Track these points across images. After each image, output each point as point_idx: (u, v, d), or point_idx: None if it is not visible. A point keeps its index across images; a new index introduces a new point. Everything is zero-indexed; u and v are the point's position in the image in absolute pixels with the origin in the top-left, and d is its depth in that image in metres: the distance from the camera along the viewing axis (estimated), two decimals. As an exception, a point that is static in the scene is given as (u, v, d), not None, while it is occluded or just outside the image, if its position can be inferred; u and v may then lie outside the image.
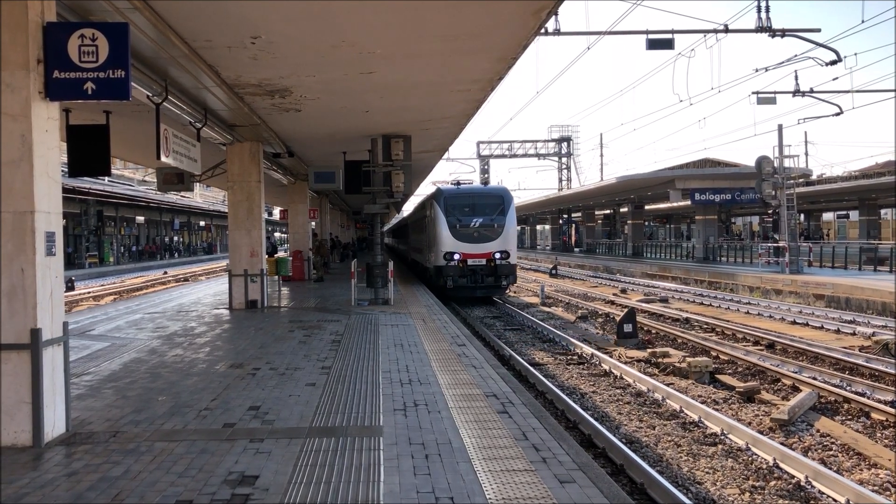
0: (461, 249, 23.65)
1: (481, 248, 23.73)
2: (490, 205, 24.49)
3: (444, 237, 23.84)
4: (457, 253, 23.61)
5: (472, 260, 23.69)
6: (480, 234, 23.81)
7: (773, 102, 28.01)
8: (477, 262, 23.69)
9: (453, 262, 23.61)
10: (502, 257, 23.74)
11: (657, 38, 22.10)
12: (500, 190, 26.46)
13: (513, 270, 24.25)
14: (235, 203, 17.64)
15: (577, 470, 5.53)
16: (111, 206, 51.31)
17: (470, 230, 23.86)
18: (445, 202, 24.45)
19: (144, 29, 8.48)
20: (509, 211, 24.39)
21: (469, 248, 23.68)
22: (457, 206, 24.38)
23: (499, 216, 24.13)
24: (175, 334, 13.22)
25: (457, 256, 23.61)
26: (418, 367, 9.69)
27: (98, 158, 10.42)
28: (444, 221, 23.93)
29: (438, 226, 24.07)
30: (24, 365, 6.14)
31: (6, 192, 6.12)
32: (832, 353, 14.30)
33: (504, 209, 24.33)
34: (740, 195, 38.34)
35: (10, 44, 6.13)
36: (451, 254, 23.63)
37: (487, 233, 23.88)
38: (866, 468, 8.18)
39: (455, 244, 23.69)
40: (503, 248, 23.82)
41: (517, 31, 9.57)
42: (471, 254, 23.67)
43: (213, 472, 5.51)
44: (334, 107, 14.21)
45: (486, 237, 23.83)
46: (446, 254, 23.66)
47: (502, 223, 24.07)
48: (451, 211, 24.12)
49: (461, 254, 23.62)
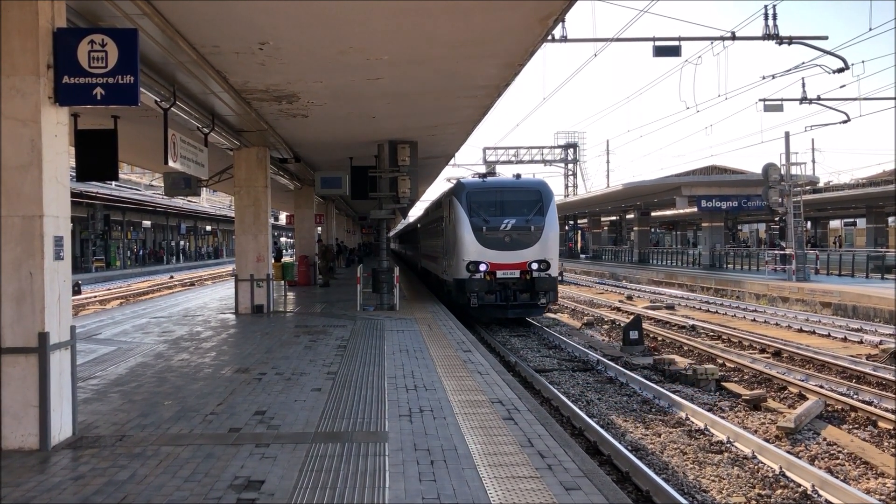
0: (489, 258, 19.03)
1: (514, 256, 19.16)
2: (525, 202, 19.88)
3: (466, 243, 19.18)
4: (483, 263, 18.97)
5: (502, 272, 19.04)
6: (513, 240, 19.25)
7: (780, 110, 28.01)
8: (508, 275, 19.09)
9: (478, 275, 18.95)
10: (541, 268, 19.15)
11: (664, 45, 22.13)
12: (536, 183, 21.08)
13: (553, 285, 19.43)
14: (242, 208, 17.69)
15: (582, 477, 5.52)
16: (118, 211, 51.48)
17: (500, 234, 19.22)
18: (469, 199, 19.71)
19: (153, 35, 8.54)
20: (549, 209, 19.75)
21: (499, 257, 19.08)
22: (483, 203, 19.70)
23: (536, 216, 19.52)
24: (181, 339, 13.25)
25: (483, 267, 18.96)
26: (424, 372, 9.69)
27: (106, 163, 10.47)
28: (466, 223, 19.31)
29: (460, 228, 19.40)
30: (32, 368, 6.17)
31: (15, 197, 6.16)
32: (839, 362, 14.25)
33: (543, 207, 19.71)
34: (747, 202, 38.25)
35: (20, 49, 6.17)
36: (475, 264, 18.96)
37: (522, 237, 19.30)
38: (873, 477, 8.14)
39: (481, 252, 19.07)
40: (542, 256, 19.25)
41: (524, 38, 9.59)
42: (501, 264, 19.06)
43: (218, 476, 5.52)
44: (341, 112, 14.26)
45: (521, 243, 19.27)
46: (470, 264, 18.97)
47: (540, 225, 19.46)
48: (476, 209, 19.49)
49: (488, 264, 18.97)
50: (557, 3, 8.29)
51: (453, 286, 19.82)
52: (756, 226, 72.81)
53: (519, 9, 8.40)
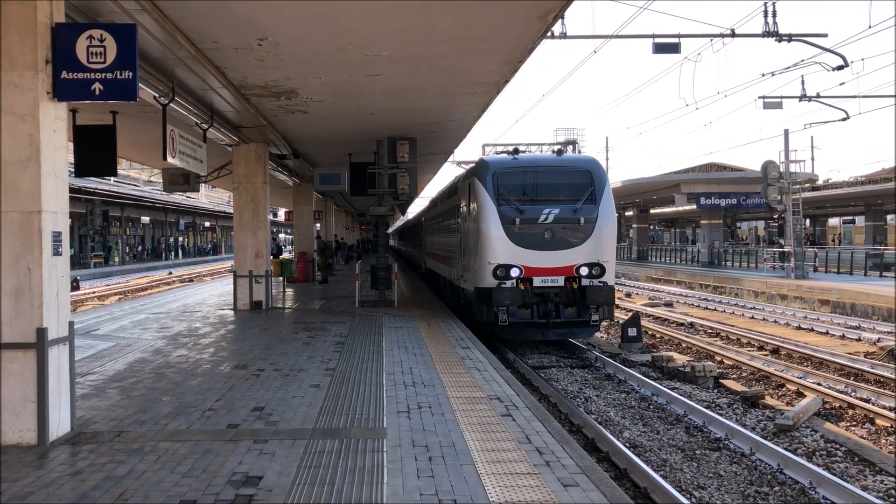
0: (523, 261, 14.46)
1: (557, 258, 14.57)
2: (571, 185, 15.18)
3: (493, 240, 14.58)
4: (516, 267, 14.42)
5: (541, 279, 14.51)
6: (556, 236, 14.63)
7: (780, 107, 27.99)
8: (549, 283, 14.55)
9: (509, 283, 14.40)
10: (592, 273, 14.58)
11: (664, 42, 22.08)
12: (586, 161, 16.16)
13: (610, 297, 14.71)
14: (241, 204, 17.68)
15: (580, 473, 5.53)
16: (117, 207, 51.46)
17: (538, 229, 14.62)
18: (496, 181, 15.03)
19: (152, 30, 8.52)
20: (603, 195, 15.06)
21: (537, 259, 14.50)
22: (515, 187, 15.03)
23: (587, 204, 14.83)
24: (180, 335, 13.25)
25: (515, 272, 14.40)
26: (422, 369, 9.69)
27: (105, 159, 10.48)
28: (493, 213, 14.67)
29: (484, 221, 14.77)
30: (30, 364, 6.17)
31: (14, 192, 6.15)
32: (837, 359, 14.27)
33: (595, 193, 15.01)
34: (746, 200, 38.29)
35: (18, 44, 6.16)
36: (505, 268, 14.44)
37: (568, 233, 14.69)
38: (871, 474, 8.16)
39: (513, 252, 14.52)
40: (594, 257, 14.61)
41: (524, 35, 9.58)
42: (539, 268, 14.49)
43: (217, 472, 5.52)
44: (340, 109, 14.24)
45: (566, 240, 14.65)
46: (498, 268, 14.44)
47: (593, 216, 14.75)
48: (506, 196, 14.83)
49: (523, 268, 14.42)
50: (557, 1, 8.28)
51: (474, 297, 15.07)
52: (755, 223, 72.89)
53: (519, 5, 8.39)
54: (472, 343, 12.03)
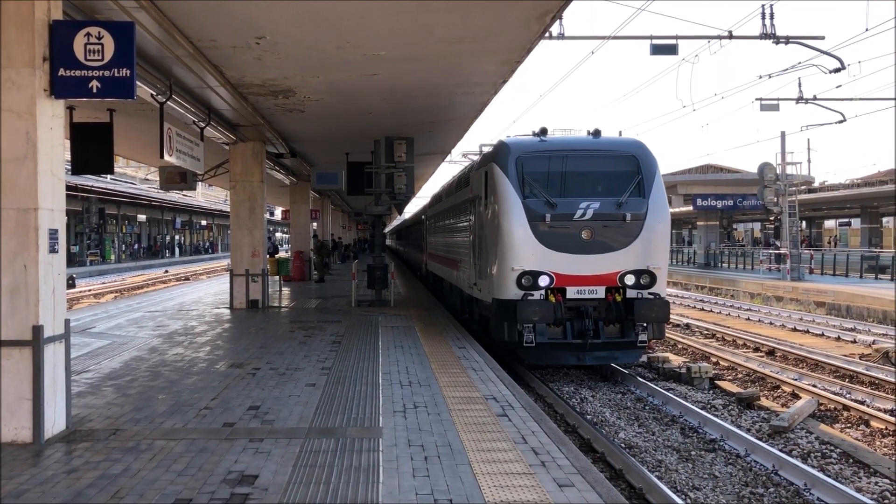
0: (554, 266, 11.74)
1: (596, 263, 11.85)
2: (612, 174, 12.41)
3: (517, 241, 11.83)
4: (545, 274, 11.70)
5: (576, 288, 11.80)
6: (595, 236, 11.89)
7: (776, 109, 28.06)
8: (586, 294, 11.86)
9: (537, 294, 11.69)
10: (641, 283, 11.88)
11: (661, 43, 22.08)
12: (630, 144, 13.03)
13: (663, 313, 11.90)
14: (238, 203, 17.67)
15: (575, 474, 5.53)
16: (113, 204, 51.35)
17: (573, 227, 11.89)
18: (521, 168, 12.18)
19: (150, 28, 8.51)
20: (653, 186, 12.25)
21: (571, 265, 11.80)
22: (543, 175, 12.22)
23: (633, 197, 12.09)
24: (176, 333, 13.24)
25: (545, 281, 11.70)
26: (418, 368, 9.69)
27: (101, 156, 10.46)
28: (517, 207, 11.90)
29: (506, 217, 11.96)
30: (26, 361, 6.16)
31: (10, 189, 6.14)
32: (832, 361, 14.30)
33: (643, 182, 12.21)
34: (742, 201, 38.40)
35: (15, 41, 6.15)
36: (532, 276, 11.69)
37: (610, 233, 11.95)
38: (865, 476, 8.18)
39: (542, 255, 11.78)
40: (642, 263, 11.91)
41: (522, 35, 9.59)
42: (574, 276, 11.79)
43: (212, 471, 5.52)
44: (338, 108, 14.24)
45: (607, 242, 11.92)
46: (523, 276, 11.70)
47: (640, 212, 12.00)
48: (533, 186, 12.03)
49: (554, 275, 11.70)
50: (555, 2, 8.29)
51: (492, 311, 12.34)
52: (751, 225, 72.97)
53: (517, 6, 8.39)
54: (469, 343, 12.03)
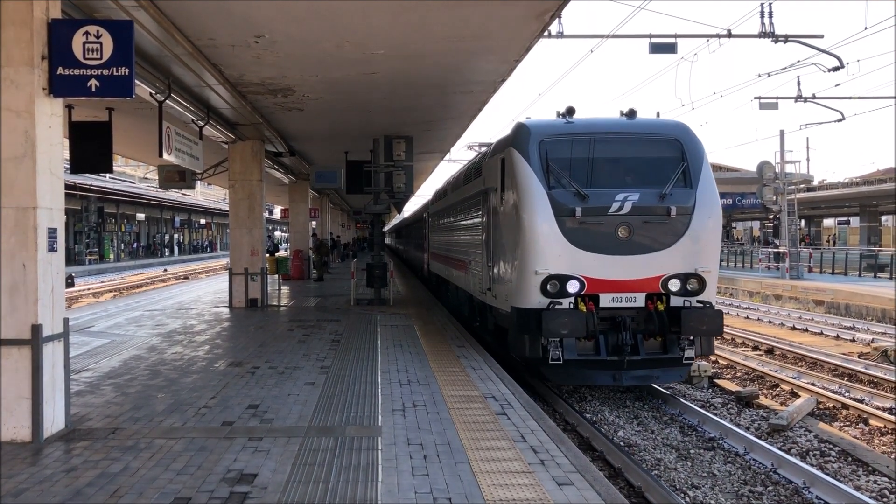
0: (585, 269, 10.01)
1: (635, 266, 10.11)
2: (653, 160, 10.59)
3: (541, 238, 10.08)
4: (574, 278, 9.98)
5: (611, 296, 10.10)
6: (633, 234, 10.09)
7: (775, 108, 28.06)
8: (623, 303, 10.15)
9: (564, 302, 9.94)
10: (688, 289, 10.17)
11: (660, 42, 22.07)
12: (672, 126, 11.08)
13: (716, 325, 10.03)
14: (237, 202, 17.66)
15: (574, 472, 5.54)
16: (112, 203, 51.37)
17: (608, 223, 10.10)
18: (544, 152, 10.37)
19: (148, 27, 8.51)
20: (701, 174, 10.46)
21: (604, 268, 10.06)
22: (571, 162, 10.40)
23: (678, 187, 10.30)
24: (175, 332, 13.23)
25: (574, 286, 9.97)
26: (417, 367, 9.70)
27: (100, 155, 10.47)
28: (541, 200, 10.10)
29: (527, 211, 10.19)
30: (25, 360, 6.16)
31: (9, 188, 6.14)
32: (831, 360, 14.31)
33: (689, 171, 10.42)
34: (741, 200, 38.43)
35: (14, 40, 6.15)
36: (559, 280, 10.00)
37: (651, 230, 10.18)
38: (864, 474, 8.18)
39: (571, 256, 10.03)
40: (690, 266, 10.16)
41: (521, 34, 9.58)
42: (609, 280, 10.05)
43: (211, 469, 5.52)
44: (337, 106, 14.23)
45: (648, 241, 10.18)
46: (549, 280, 9.99)
47: (687, 205, 10.23)
48: (559, 174, 10.25)
49: (585, 280, 9.99)
50: (554, 0, 8.28)
51: (512, 321, 10.61)
52: (750, 223, 72.99)
53: (516, 5, 8.39)
54: (468, 341, 12.04)
